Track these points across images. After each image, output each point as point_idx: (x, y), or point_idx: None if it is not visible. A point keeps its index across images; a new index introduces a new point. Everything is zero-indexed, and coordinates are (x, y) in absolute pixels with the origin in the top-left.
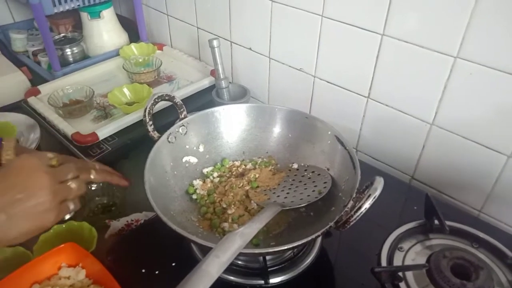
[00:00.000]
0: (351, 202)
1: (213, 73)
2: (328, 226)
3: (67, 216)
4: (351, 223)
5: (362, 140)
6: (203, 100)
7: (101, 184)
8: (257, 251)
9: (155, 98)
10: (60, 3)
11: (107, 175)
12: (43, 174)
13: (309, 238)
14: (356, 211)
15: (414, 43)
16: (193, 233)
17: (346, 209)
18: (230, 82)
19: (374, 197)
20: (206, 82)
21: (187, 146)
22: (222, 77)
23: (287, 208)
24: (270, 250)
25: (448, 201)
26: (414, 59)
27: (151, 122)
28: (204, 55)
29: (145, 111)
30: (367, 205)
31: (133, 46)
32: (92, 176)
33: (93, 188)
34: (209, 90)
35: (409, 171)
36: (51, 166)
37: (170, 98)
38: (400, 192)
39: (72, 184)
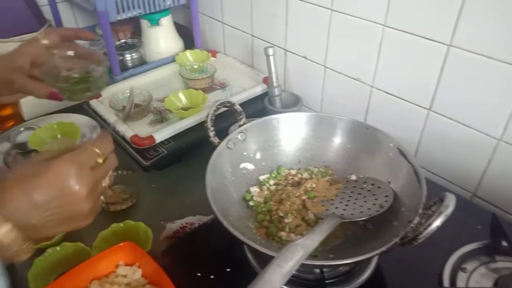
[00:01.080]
0: (417, 218)
1: (266, 80)
2: (393, 242)
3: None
4: (419, 241)
5: (420, 153)
6: (255, 107)
7: None
8: (319, 263)
9: (217, 105)
10: (123, 11)
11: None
12: (82, 188)
13: (374, 253)
14: (426, 228)
15: (483, 55)
16: (252, 241)
17: (412, 225)
18: (282, 90)
19: (446, 215)
20: (258, 90)
21: (244, 153)
22: (275, 85)
23: (347, 220)
24: (333, 263)
25: None
26: (483, 71)
27: (212, 128)
28: (257, 62)
29: (207, 117)
30: (438, 222)
31: (188, 53)
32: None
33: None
34: (261, 97)
35: (471, 188)
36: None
37: (231, 105)
38: (461, 209)
39: (107, 180)
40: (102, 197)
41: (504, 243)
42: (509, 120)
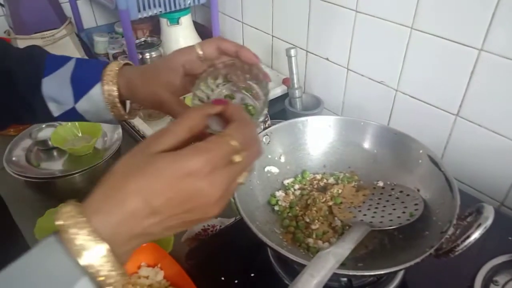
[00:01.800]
0: (452, 228)
1: (286, 81)
2: (427, 253)
3: None
4: (457, 253)
5: (446, 160)
6: (275, 108)
7: None
8: (351, 272)
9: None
10: (144, 9)
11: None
12: (214, 192)
13: (408, 265)
14: (464, 241)
15: None
16: (280, 247)
17: (446, 236)
18: (303, 92)
19: (486, 227)
20: (278, 91)
21: (269, 156)
22: (296, 87)
23: (376, 229)
24: (366, 273)
25: None
26: None
27: None
28: (276, 63)
29: None
30: (476, 235)
31: None
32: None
33: None
34: (281, 98)
35: (499, 197)
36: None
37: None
38: None
39: (244, 175)
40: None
41: None
42: None
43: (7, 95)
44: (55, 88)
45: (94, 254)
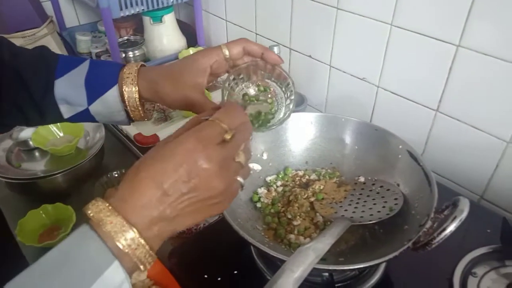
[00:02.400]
0: (429, 222)
1: None
2: (405, 247)
3: (240, 191)
4: (433, 246)
5: (427, 155)
6: None
7: None
8: (330, 267)
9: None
10: (126, 7)
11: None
12: (211, 165)
13: (386, 258)
14: (440, 233)
15: (493, 56)
16: (261, 243)
17: (424, 229)
18: None
19: (461, 220)
20: None
21: (251, 153)
22: None
23: (357, 224)
24: (345, 267)
25: None
26: (493, 72)
27: None
28: None
29: None
30: (452, 227)
31: (191, 50)
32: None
33: None
34: None
35: (478, 190)
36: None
37: None
38: (470, 212)
39: (241, 156)
40: (240, 179)
41: None
42: None
43: (16, 95)
44: (69, 90)
45: (126, 237)
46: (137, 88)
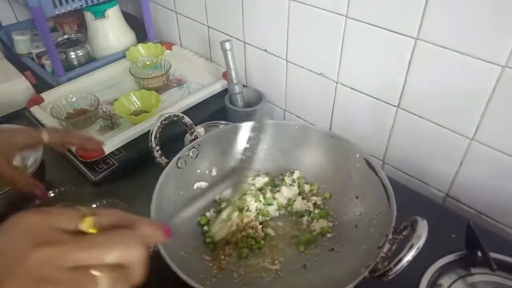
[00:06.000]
0: (388, 244)
1: (226, 75)
2: (361, 277)
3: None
4: (390, 277)
5: (390, 152)
6: (215, 106)
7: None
8: None
9: (162, 120)
10: (61, 4)
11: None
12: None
13: None
14: (397, 264)
15: (452, 49)
16: (207, 276)
17: (382, 254)
18: (244, 86)
19: (418, 248)
20: (218, 86)
21: (198, 171)
22: (235, 82)
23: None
24: None
25: (491, 224)
26: (453, 66)
27: (158, 148)
28: (215, 55)
29: (151, 135)
30: (409, 257)
31: (140, 46)
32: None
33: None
34: (222, 94)
35: (443, 188)
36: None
37: (179, 119)
38: (434, 215)
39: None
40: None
41: (480, 254)
42: (481, 119)
43: None
44: None
45: None
46: None
